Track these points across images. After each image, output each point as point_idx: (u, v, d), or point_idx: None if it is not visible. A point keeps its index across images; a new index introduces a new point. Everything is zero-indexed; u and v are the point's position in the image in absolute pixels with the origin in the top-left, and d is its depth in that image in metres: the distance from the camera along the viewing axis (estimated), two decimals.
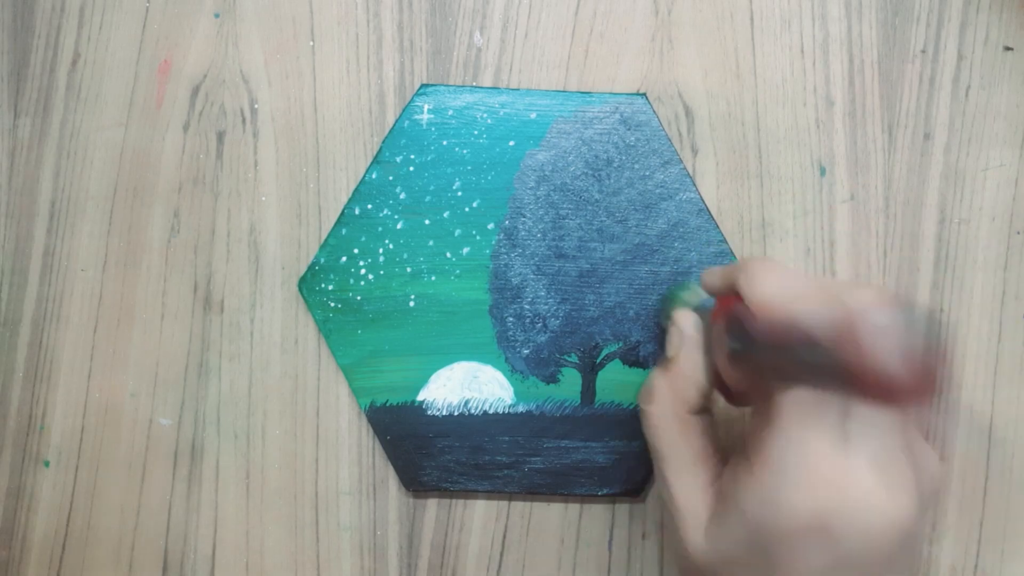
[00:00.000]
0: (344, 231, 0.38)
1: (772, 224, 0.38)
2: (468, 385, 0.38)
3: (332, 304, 0.38)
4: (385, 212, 0.38)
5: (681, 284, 0.37)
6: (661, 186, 0.38)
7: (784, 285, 0.28)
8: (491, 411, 0.38)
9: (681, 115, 0.38)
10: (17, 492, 0.38)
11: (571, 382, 0.38)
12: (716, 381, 0.31)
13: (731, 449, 0.31)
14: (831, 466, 0.26)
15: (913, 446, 0.27)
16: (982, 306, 0.38)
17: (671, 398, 0.31)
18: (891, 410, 0.26)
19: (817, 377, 0.26)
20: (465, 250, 0.38)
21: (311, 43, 0.39)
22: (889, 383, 0.24)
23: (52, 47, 0.39)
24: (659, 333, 0.37)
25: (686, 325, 0.31)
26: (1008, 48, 0.39)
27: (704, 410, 0.31)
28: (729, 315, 0.29)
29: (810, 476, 0.26)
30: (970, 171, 0.39)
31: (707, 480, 0.30)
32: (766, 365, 0.27)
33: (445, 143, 0.38)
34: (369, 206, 0.38)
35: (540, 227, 0.38)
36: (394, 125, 0.38)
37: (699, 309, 0.32)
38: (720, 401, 0.32)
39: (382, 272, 0.38)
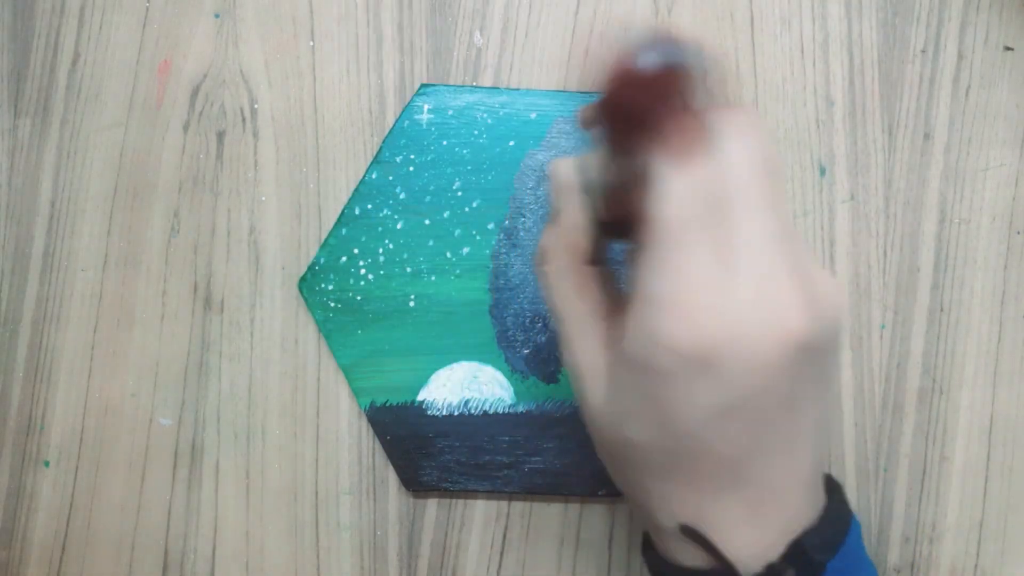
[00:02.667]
0: (344, 231, 0.38)
1: None
2: (468, 385, 0.38)
3: (332, 304, 0.38)
4: (385, 212, 0.38)
5: None
6: None
7: None
8: (491, 411, 0.38)
9: None
10: (17, 492, 0.38)
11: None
12: (605, 221, 0.29)
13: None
14: (710, 290, 0.23)
15: (806, 267, 0.24)
16: (982, 306, 0.38)
17: (563, 251, 0.28)
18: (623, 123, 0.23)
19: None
20: (465, 250, 0.38)
21: (311, 43, 0.39)
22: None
23: (52, 47, 0.39)
24: None
25: (562, 173, 0.29)
26: (1008, 48, 0.39)
27: (599, 261, 0.29)
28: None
29: (688, 303, 0.23)
30: (970, 171, 0.39)
31: (604, 333, 0.27)
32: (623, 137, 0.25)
33: (445, 143, 0.38)
34: (369, 206, 0.38)
35: (540, 227, 0.38)
36: (394, 125, 0.38)
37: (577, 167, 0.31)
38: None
39: (382, 272, 0.38)
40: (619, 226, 0.28)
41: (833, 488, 0.28)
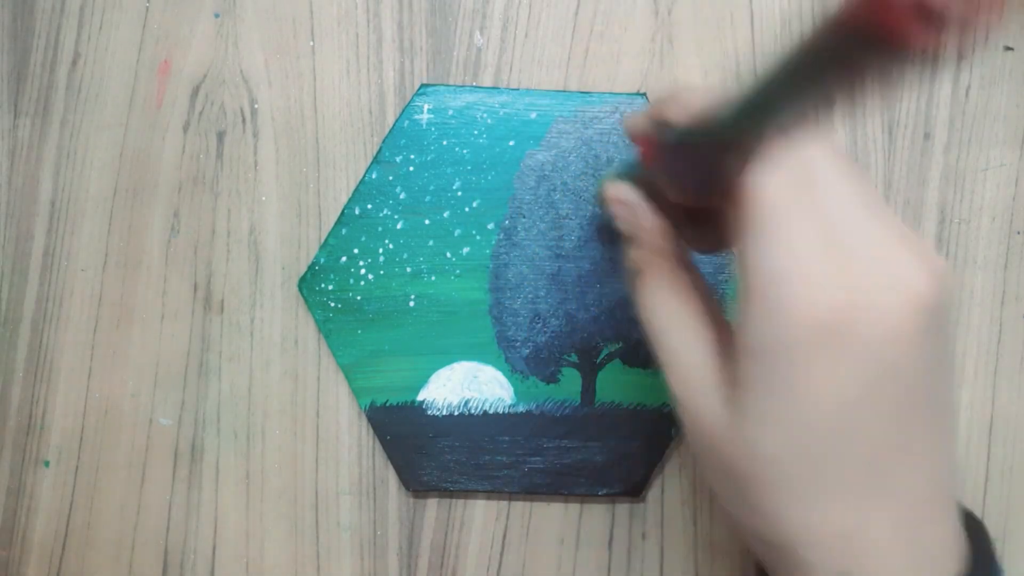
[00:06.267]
0: (344, 231, 0.38)
1: None
2: (468, 385, 0.38)
3: (332, 304, 0.38)
4: (385, 212, 0.38)
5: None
6: None
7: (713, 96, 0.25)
8: (491, 411, 0.38)
9: None
10: (17, 492, 0.38)
11: (571, 382, 0.38)
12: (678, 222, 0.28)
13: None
14: (829, 258, 0.22)
15: (907, 235, 0.23)
16: (982, 306, 0.38)
17: (658, 263, 0.27)
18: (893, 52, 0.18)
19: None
20: (465, 250, 0.38)
21: (311, 43, 0.39)
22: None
23: (52, 47, 0.39)
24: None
25: (622, 193, 0.28)
26: (1008, 48, 0.39)
27: (688, 265, 0.28)
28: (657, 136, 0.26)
29: (809, 273, 0.22)
30: (970, 171, 0.39)
31: (716, 345, 0.25)
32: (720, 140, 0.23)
33: (445, 143, 0.38)
34: (369, 206, 0.38)
35: (540, 227, 0.38)
36: (394, 125, 0.38)
37: (625, 174, 0.30)
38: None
39: (382, 272, 0.38)
40: (697, 224, 0.27)
41: (975, 528, 0.25)
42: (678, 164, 0.25)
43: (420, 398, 0.38)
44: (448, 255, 0.38)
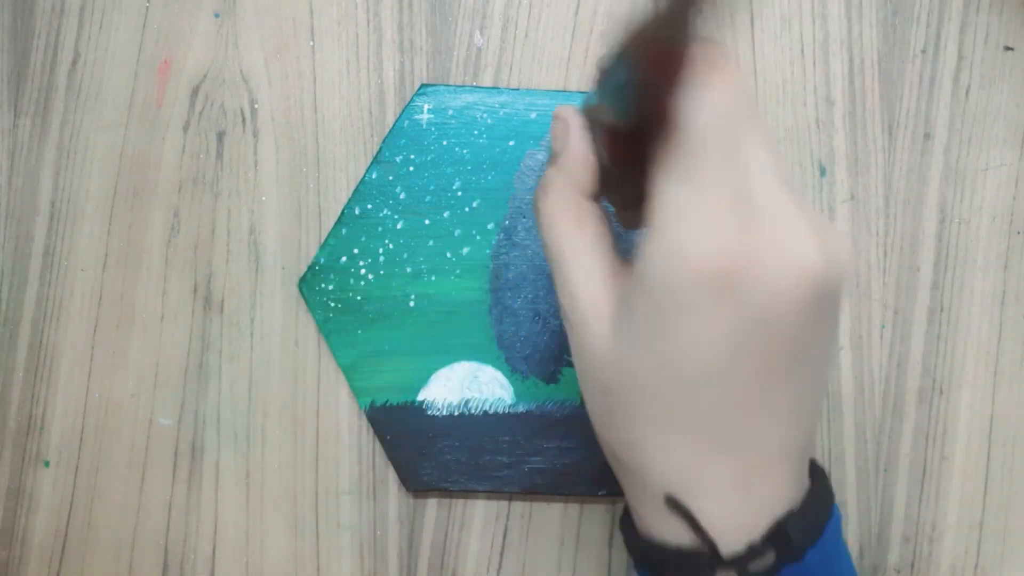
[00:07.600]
0: (344, 231, 0.38)
1: None
2: (468, 385, 0.38)
3: (332, 304, 0.38)
4: (385, 212, 0.38)
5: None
6: None
7: None
8: (491, 411, 0.38)
9: None
10: (17, 492, 0.38)
11: (571, 382, 0.38)
12: (606, 183, 0.28)
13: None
14: (735, 208, 0.23)
15: (811, 211, 0.24)
16: (982, 306, 0.38)
17: (565, 185, 0.28)
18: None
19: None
20: (465, 250, 0.38)
21: (311, 43, 0.39)
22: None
23: (52, 47, 0.39)
24: None
25: (567, 113, 0.29)
26: (1008, 48, 0.39)
27: (596, 202, 0.28)
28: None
29: (713, 219, 0.22)
30: (970, 171, 0.39)
31: (608, 270, 0.26)
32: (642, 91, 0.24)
33: (445, 143, 0.38)
34: (369, 206, 0.38)
35: None
36: (394, 125, 0.38)
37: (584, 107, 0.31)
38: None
39: (382, 272, 0.38)
40: (622, 170, 0.27)
41: (817, 473, 0.27)
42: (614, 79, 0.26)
43: (420, 398, 0.38)
44: (448, 255, 0.38)
